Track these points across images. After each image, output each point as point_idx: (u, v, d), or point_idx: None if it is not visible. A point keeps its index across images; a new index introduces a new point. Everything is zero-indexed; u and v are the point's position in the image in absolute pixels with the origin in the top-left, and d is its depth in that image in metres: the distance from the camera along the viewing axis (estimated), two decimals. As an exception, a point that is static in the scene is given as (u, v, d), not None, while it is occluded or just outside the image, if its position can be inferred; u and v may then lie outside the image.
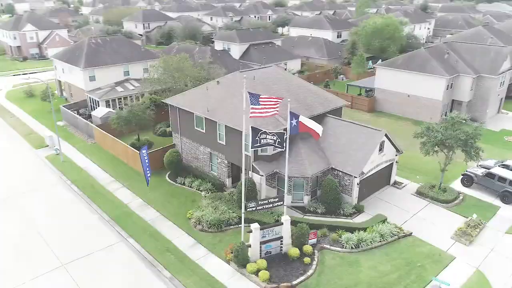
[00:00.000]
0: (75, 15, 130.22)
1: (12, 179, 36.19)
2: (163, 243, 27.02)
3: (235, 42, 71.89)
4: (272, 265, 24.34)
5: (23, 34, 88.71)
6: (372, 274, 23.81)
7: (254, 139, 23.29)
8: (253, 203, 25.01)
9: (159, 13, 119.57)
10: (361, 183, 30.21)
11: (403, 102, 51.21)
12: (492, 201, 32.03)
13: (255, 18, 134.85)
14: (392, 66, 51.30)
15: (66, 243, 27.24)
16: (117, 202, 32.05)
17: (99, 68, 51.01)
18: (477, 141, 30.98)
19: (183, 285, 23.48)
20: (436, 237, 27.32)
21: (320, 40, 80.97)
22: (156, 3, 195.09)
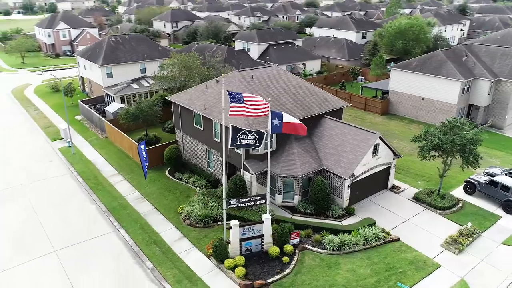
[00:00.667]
0: (109, 14, 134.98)
1: (24, 168, 38.32)
2: (151, 235, 27.89)
3: (254, 42, 72.39)
4: (251, 262, 24.61)
5: (56, 32, 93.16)
6: (349, 277, 23.57)
7: (234, 138, 23.63)
8: (235, 201, 25.34)
9: (188, 12, 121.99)
10: (354, 185, 29.86)
11: (417, 105, 49.88)
12: (494, 210, 30.77)
13: (282, 19, 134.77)
14: (407, 68, 50.05)
15: (62, 230, 28.68)
16: (116, 194, 33.31)
17: (116, 65, 52.93)
18: (477, 147, 29.90)
19: (162, 276, 24.19)
20: (424, 244, 26.62)
21: (342, 41, 79.98)
22: (189, 3, 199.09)
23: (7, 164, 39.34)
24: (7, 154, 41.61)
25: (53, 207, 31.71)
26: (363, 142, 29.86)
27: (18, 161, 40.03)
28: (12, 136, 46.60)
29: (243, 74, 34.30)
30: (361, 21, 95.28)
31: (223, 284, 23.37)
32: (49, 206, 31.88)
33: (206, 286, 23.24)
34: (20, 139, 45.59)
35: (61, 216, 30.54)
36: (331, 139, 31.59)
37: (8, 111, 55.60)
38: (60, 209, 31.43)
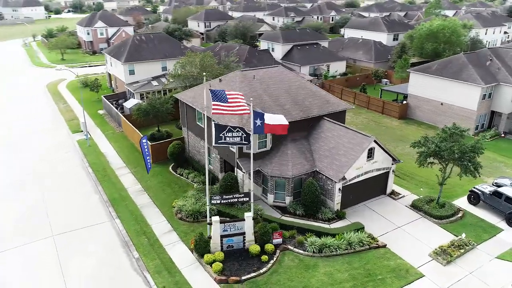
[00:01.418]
0: (147, 13, 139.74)
1: (43, 157, 40.89)
2: (143, 227, 29.02)
3: (278, 42, 72.52)
4: (230, 258, 25.04)
5: (94, 30, 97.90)
6: (324, 280, 23.43)
7: (218, 135, 24.17)
8: (218, 197, 25.89)
9: (221, 12, 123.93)
10: (346, 189, 29.51)
11: (436, 111, 48.11)
12: (496, 223, 29.32)
13: (317, 19, 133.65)
14: (426, 71, 48.40)
15: (63, 217, 30.47)
16: (119, 186, 34.83)
17: (138, 62, 55.01)
18: (479, 156, 28.63)
19: (145, 266, 25.17)
20: (412, 253, 25.89)
21: (370, 43, 78.30)
22: (228, 3, 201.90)
23: (29, 153, 42.12)
24: (31, 144, 44.51)
25: (60, 195, 33.69)
26: (357, 146, 29.43)
27: (38, 150, 42.73)
28: (38, 127, 49.73)
29: (245, 74, 34.75)
30: (394, 23, 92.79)
31: (200, 277, 23.98)
32: (56, 194, 33.89)
33: (183, 278, 23.95)
34: (44, 130, 48.56)
35: (65, 203, 32.41)
36: (327, 141, 31.36)
37: (39, 104, 59.27)
38: (65, 197, 33.34)
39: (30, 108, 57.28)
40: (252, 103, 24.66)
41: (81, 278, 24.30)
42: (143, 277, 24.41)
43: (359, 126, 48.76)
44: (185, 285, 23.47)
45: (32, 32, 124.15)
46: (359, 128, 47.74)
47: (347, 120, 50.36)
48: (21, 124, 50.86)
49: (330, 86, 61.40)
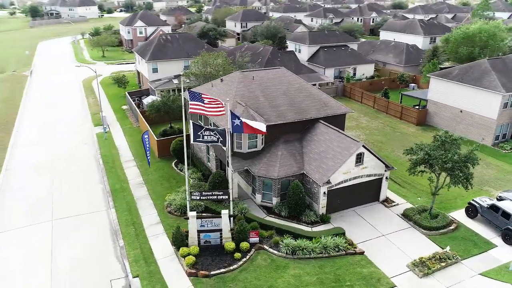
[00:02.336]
0: (189, 13, 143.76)
1: (63, 148, 43.87)
2: (134, 218, 30.51)
3: (305, 44, 72.21)
4: (206, 253, 25.79)
5: (134, 29, 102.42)
6: (291, 282, 23.54)
7: (195, 134, 25.03)
8: (197, 193, 26.74)
9: (259, 13, 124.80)
10: (333, 193, 29.28)
11: (455, 118, 46.00)
12: (491, 238, 27.83)
13: (357, 21, 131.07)
14: (447, 77, 46.38)
15: (66, 203, 32.71)
16: (122, 178, 36.71)
17: (161, 61, 57.26)
18: (473, 167, 27.37)
19: (127, 254, 26.55)
20: (389, 262, 25.30)
21: (402, 46, 75.87)
22: (271, 4, 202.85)
23: (52, 141, 45.37)
24: (56, 134, 47.83)
25: (68, 183, 36.11)
26: (345, 150, 29.09)
27: (61, 140, 45.88)
28: (65, 119, 53.22)
29: (245, 75, 35.33)
30: (432, 25, 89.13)
31: (173, 269, 24.94)
32: (65, 182, 36.36)
33: (157, 268, 25.04)
34: (70, 122, 51.91)
35: (70, 191, 34.73)
36: (318, 144, 31.23)
37: (71, 98, 63.26)
38: (72, 185, 35.70)
39: (62, 101, 61.29)
40: (229, 103, 25.17)
41: (66, 260, 26.12)
42: (122, 265, 25.81)
43: (373, 131, 47.79)
44: (157, 275, 24.53)
45: (81, 30, 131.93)
46: (372, 133, 46.97)
47: (362, 124, 50.11)
48: (52, 115, 54.66)
49: (351, 89, 60.39)
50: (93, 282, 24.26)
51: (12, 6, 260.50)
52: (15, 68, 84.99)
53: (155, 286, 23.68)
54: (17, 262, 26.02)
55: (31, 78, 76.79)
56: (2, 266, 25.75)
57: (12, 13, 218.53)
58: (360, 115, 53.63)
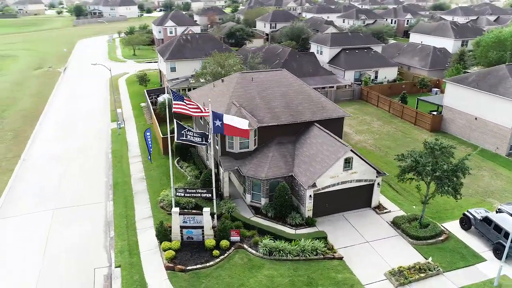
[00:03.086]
0: (222, 13, 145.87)
1: (79, 141, 46.28)
2: (128, 211, 31.85)
3: (326, 45, 71.59)
4: (187, 249, 26.56)
5: (165, 29, 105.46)
6: (263, 282, 23.82)
7: (179, 133, 25.87)
8: (182, 190, 27.57)
9: (288, 13, 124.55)
10: (320, 197, 29.20)
11: (470, 125, 44.20)
12: (481, 252, 26.75)
13: (390, 22, 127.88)
14: (462, 82, 44.61)
15: (70, 194, 34.62)
16: (126, 173, 38.28)
17: (179, 60, 58.86)
18: (464, 176, 26.44)
19: (115, 245, 27.83)
20: (367, 269, 24.97)
21: (429, 49, 73.39)
22: (306, 4, 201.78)
23: (72, 135, 47.97)
24: (74, 129, 50.45)
25: (76, 175, 38.13)
26: (333, 154, 28.92)
27: (77, 135, 48.39)
28: (86, 114, 55.95)
29: (244, 76, 35.83)
30: (464, 28, 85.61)
31: (154, 262, 25.88)
32: (73, 174, 38.43)
33: (139, 260, 26.11)
34: (91, 117, 54.53)
35: (76, 183, 36.68)
36: (309, 147, 31.21)
37: (96, 94, 66.29)
38: (79, 178, 37.67)
39: (87, 97, 64.40)
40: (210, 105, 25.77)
41: (59, 247, 27.73)
42: (109, 254, 27.10)
43: (384, 136, 46.84)
44: (138, 266, 25.59)
45: (118, 29, 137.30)
46: (382, 138, 46.13)
47: (373, 128, 49.34)
48: (74, 110, 57.64)
49: (367, 93, 59.33)
50: (78, 269, 25.66)
51: (61, 5, 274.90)
52: (51, 65, 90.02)
53: (133, 276, 24.73)
54: (15, 246, 27.95)
55: (64, 74, 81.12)
56: (1, 248, 27.75)
57: (59, 12, 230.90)
58: (374, 119, 52.63)
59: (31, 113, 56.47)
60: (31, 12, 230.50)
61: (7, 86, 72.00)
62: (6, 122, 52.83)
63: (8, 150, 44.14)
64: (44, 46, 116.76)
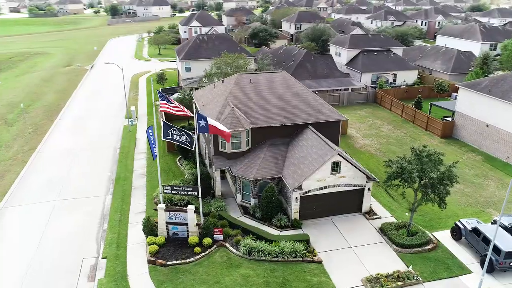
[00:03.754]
0: (249, 14, 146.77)
1: (90, 136, 48.31)
2: (124, 205, 33.08)
3: (344, 47, 70.81)
4: (171, 244, 27.36)
5: (190, 29, 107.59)
6: (237, 281, 24.20)
7: (165, 132, 26.70)
8: (169, 187, 28.38)
9: (314, 14, 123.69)
10: (307, 200, 29.21)
11: (481, 133, 42.60)
12: (469, 263, 25.93)
13: (420, 24, 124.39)
14: (475, 88, 43.03)
15: (73, 187, 36.31)
16: (129, 168, 39.68)
17: (194, 60, 60.11)
18: (452, 185, 25.73)
19: (106, 237, 29.05)
20: (345, 275, 24.81)
21: (453, 52, 70.96)
22: (338, 5, 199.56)
23: (83, 131, 50.11)
24: (89, 125, 52.64)
25: (83, 169, 39.90)
26: (320, 158, 28.85)
27: (91, 130, 50.49)
28: (102, 111, 58.21)
29: (244, 77, 36.25)
30: (494, 31, 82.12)
31: (139, 255, 26.84)
32: (81, 167, 40.22)
33: (125, 253, 27.16)
34: (106, 114, 56.69)
35: (81, 176, 38.40)
36: (301, 149, 31.25)
37: (115, 92, 68.60)
38: (85, 171, 39.39)
39: (107, 94, 66.87)
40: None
41: (55, 236, 29.24)
42: (98, 246, 28.32)
43: (391, 141, 45.96)
44: (122, 258, 26.63)
45: (148, 28, 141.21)
46: (389, 143, 45.39)
47: (382, 133, 48.60)
48: (92, 106, 60.09)
49: (381, 96, 58.24)
50: (68, 258, 26.99)
51: (99, 5, 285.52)
52: (80, 62, 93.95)
53: (116, 268, 25.77)
54: (15, 232, 29.73)
55: (90, 72, 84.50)
56: (2, 234, 29.61)
57: (97, 12, 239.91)
58: (384, 123, 51.67)
59: (53, 108, 59.39)
60: (70, 11, 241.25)
61: (36, 82, 75.94)
62: (29, 116, 55.82)
63: (26, 143, 46.73)
64: (77, 44, 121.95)
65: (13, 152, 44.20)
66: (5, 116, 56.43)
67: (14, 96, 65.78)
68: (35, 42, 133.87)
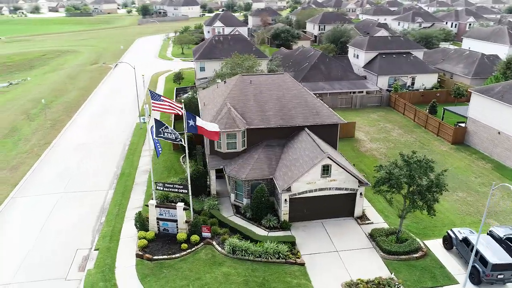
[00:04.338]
0: (275, 14, 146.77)
1: (103, 132, 50.12)
2: (123, 200, 34.25)
3: (362, 49, 69.84)
4: (161, 239, 28.18)
5: (213, 29, 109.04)
6: (218, 278, 24.66)
7: (157, 130, 27.53)
8: (161, 184, 29.20)
9: (339, 15, 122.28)
10: (297, 202, 29.33)
11: (493, 140, 41.13)
12: (457, 274, 25.32)
13: (450, 26, 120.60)
14: (487, 93, 41.57)
15: (80, 180, 37.89)
16: (134, 164, 40.95)
17: (208, 60, 61.06)
18: (441, 193, 25.18)
19: (101, 230, 30.23)
20: (325, 278, 24.80)
21: (476, 55, 68.55)
22: (367, 6, 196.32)
23: (97, 128, 52.05)
24: (104, 121, 54.57)
25: (91, 164, 41.50)
26: (310, 160, 28.85)
27: (105, 127, 52.34)
28: (118, 108, 60.12)
29: (244, 78, 36.67)
30: (524, 34, 78.53)
31: (129, 249, 27.79)
32: (89, 162, 41.86)
33: (116, 246, 28.19)
34: (121, 111, 58.56)
35: (90, 170, 39.99)
36: (294, 151, 31.34)
37: (132, 90, 70.56)
38: (93, 166, 40.98)
39: (125, 92, 68.88)
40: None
41: (55, 227, 30.69)
42: (93, 238, 29.53)
43: (399, 146, 45.10)
44: (113, 251, 27.67)
45: (175, 28, 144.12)
46: (397, 147, 44.74)
47: (391, 137, 48.00)
48: (109, 103, 62.21)
49: (395, 100, 57.11)
50: (63, 248, 28.31)
51: (133, 5, 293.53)
52: (106, 61, 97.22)
53: (106, 260, 26.82)
54: (19, 222, 31.43)
55: (114, 70, 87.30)
56: (8, 223, 31.39)
57: (129, 11, 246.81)
58: (395, 127, 50.72)
59: (73, 105, 61.94)
60: (105, 11, 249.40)
61: (62, 79, 79.32)
62: (50, 111, 58.46)
63: (43, 137, 49.06)
64: (106, 43, 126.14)
65: (30, 146, 46.53)
66: (28, 111, 59.37)
67: (40, 92, 69.01)
68: (67, 40, 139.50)
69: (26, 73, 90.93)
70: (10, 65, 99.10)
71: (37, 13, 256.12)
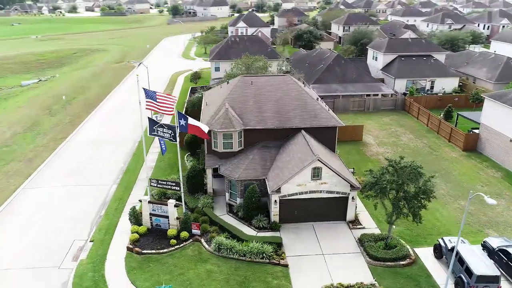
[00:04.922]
0: (301, 15, 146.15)
1: (117, 129, 51.87)
2: (124, 195, 35.46)
3: (381, 52, 68.64)
4: (152, 234, 29.08)
5: (236, 29, 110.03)
6: (200, 275, 25.22)
7: (151, 128, 28.42)
8: (155, 181, 30.09)
9: (364, 17, 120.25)
10: (288, 203, 29.47)
11: (505, 148, 39.61)
12: (443, 284, 24.60)
13: (482, 28, 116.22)
14: (501, 99, 40.03)
15: (88, 174, 39.50)
16: (140, 161, 42.12)
17: (223, 61, 61.90)
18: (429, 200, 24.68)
19: (100, 223, 31.48)
20: (307, 281, 24.86)
21: (502, 59, 65.85)
22: (398, 6, 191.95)
23: (112, 125, 53.90)
24: (119, 119, 56.39)
25: (101, 159, 43.09)
26: (301, 163, 28.89)
27: (120, 124, 54.13)
28: (134, 106, 61.42)
29: (246, 79, 37.08)
30: (556, 37, 74.63)
31: (121, 242, 28.80)
32: (99, 157, 43.49)
33: (110, 238, 29.32)
34: (137, 109, 59.64)
35: (98, 165, 41.56)
36: (289, 153, 31.46)
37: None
38: (103, 161, 42.55)
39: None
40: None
41: (57, 218, 32.18)
42: (91, 230, 30.82)
43: (407, 151, 44.14)
44: (106, 243, 28.80)
45: (202, 28, 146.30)
46: (405, 153, 43.84)
47: (400, 142, 47.41)
48: (126, 101, 63.93)
49: (410, 104, 55.84)
50: (62, 238, 29.68)
51: (165, 4, 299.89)
52: (131, 59, 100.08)
53: (98, 251, 27.97)
54: (25, 212, 33.19)
55: (137, 68, 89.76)
56: (14, 214, 33.22)
57: (161, 11, 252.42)
58: (406, 132, 49.65)
59: (93, 101, 64.36)
60: (138, 10, 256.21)
61: (86, 77, 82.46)
62: (71, 107, 61.03)
63: (60, 132, 51.35)
64: (134, 42, 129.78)
65: (47, 140, 48.85)
66: (51, 106, 62.23)
67: (64, 89, 72.07)
68: (99, 39, 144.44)
69: (56, 70, 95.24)
70: (42, 62, 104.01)
71: (74, 12, 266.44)
